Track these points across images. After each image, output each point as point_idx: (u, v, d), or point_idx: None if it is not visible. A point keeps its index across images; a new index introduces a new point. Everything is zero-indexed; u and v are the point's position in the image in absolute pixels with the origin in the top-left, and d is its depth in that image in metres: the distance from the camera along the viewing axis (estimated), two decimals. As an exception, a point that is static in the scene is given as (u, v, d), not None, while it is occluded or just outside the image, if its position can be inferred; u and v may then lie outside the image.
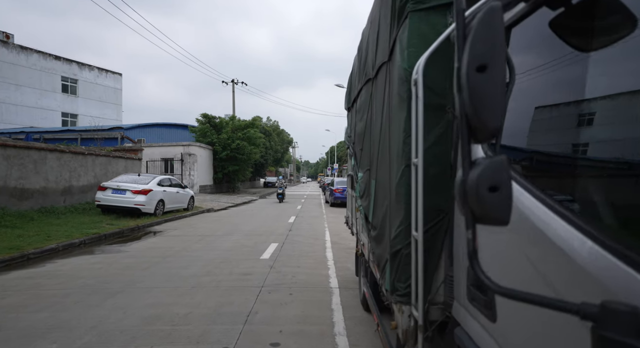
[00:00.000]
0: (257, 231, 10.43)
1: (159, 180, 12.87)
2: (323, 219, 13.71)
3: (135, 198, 11.58)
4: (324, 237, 9.60)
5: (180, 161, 26.05)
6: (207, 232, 10.10)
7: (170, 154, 26.43)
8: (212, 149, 29.25)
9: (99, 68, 39.99)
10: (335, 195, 19.12)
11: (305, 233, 10.26)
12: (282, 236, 9.61)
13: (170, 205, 13.33)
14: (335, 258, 7.29)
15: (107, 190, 11.57)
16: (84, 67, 38.40)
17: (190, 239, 9.00)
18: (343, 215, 16.05)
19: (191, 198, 15.26)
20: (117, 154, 14.89)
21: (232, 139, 29.15)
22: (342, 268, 6.55)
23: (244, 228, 11.01)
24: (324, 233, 10.23)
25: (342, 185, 19.59)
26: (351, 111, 5.03)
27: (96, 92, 39.54)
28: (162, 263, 6.59)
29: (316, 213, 15.87)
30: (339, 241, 9.02)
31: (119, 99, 42.41)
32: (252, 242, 8.73)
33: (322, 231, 10.69)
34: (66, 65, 36.82)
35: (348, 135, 4.97)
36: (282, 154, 63.98)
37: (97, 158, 13.59)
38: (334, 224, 12.16)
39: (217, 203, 19.76)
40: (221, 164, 29.51)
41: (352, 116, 4.74)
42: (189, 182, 25.85)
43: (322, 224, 12.27)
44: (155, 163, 26.58)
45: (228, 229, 10.72)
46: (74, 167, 12.38)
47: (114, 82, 41.65)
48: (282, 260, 6.98)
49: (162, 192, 12.70)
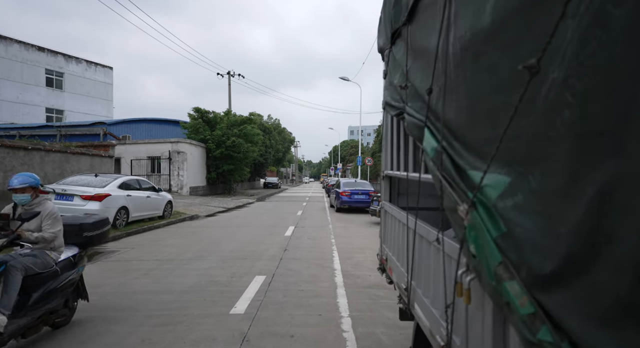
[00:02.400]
0: (240, 252, 7.73)
1: (122, 182, 10.19)
2: (328, 231, 10.99)
3: (85, 206, 8.90)
4: (331, 263, 6.87)
5: (168, 159, 23.43)
6: (171, 255, 7.40)
7: (157, 151, 23.82)
8: (205, 147, 26.62)
9: (88, 61, 37.47)
10: (342, 198, 16.41)
11: (306, 255, 7.55)
12: (273, 261, 6.90)
13: (137, 214, 10.66)
14: (352, 306, 4.58)
15: (49, 195, 8.89)
16: (70, 60, 35.88)
17: (140, 268, 6.31)
18: (352, 223, 12.85)
19: (168, 204, 12.59)
20: (78, 149, 12.23)
21: (227, 135, 26.50)
22: (366, 333, 3.84)
23: (224, 246, 8.32)
24: (332, 256, 7.51)
25: (350, 187, 16.87)
26: (397, 44, 2.39)
27: (84, 87, 37.02)
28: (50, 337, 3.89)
29: (320, 222, 13.16)
30: (354, 271, 6.30)
31: (109, 94, 39.88)
32: (229, 273, 6.02)
33: (328, 251, 7.97)
34: (51, 57, 34.31)
35: (399, 85, 2.26)
36: (283, 154, 61.47)
37: (47, 154, 10.92)
38: (343, 239, 9.44)
39: (205, 208, 17.09)
40: (215, 163, 26.87)
41: (407, 47, 2.11)
42: (178, 183, 23.21)
43: (328, 239, 9.55)
44: (140, 162, 23.99)
45: (203, 248, 8.03)
46: (11, 165, 9.72)
47: (104, 76, 39.12)
48: (267, 317, 4.25)
49: (125, 198, 10.02)
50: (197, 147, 25.58)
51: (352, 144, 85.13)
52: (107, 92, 39.62)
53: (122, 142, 24.78)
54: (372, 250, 8.01)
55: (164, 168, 23.63)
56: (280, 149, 56.49)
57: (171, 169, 23.31)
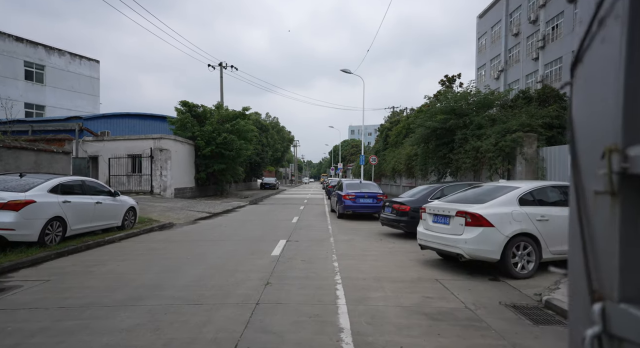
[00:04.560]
0: (199, 289, 5.25)
1: (57, 184, 7.72)
2: (329, 247, 8.52)
3: (-5, 216, 6.46)
4: (334, 315, 4.35)
5: (149, 158, 20.96)
6: (92, 295, 4.92)
7: (138, 149, 21.34)
8: (194, 144, 24.14)
9: (72, 53, 35.01)
10: (346, 203, 13.94)
11: (297, 294, 5.07)
12: (242, 310, 4.42)
13: (81, 226, 8.21)
14: None
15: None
16: (52, 52, 33.43)
17: (20, 330, 3.84)
18: (359, 234, 10.15)
19: (130, 211, 10.12)
20: (16, 143, 9.76)
21: (219, 131, 24.01)
22: None
23: (180, 277, 5.84)
24: (335, 295, 5.02)
25: (355, 189, 14.40)
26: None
27: (68, 81, 34.57)
28: None
29: (318, 233, 10.68)
30: (374, 333, 3.81)
31: (95, 89, 37.43)
32: (160, 344, 3.56)
33: (329, 286, 5.49)
34: (30, 49, 31.87)
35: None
36: (282, 153, 58.99)
37: (-34, 148, 8.48)
38: (349, 262, 6.97)
39: (186, 213, 14.62)
40: (205, 162, 24.39)
41: None
42: (160, 185, 20.74)
43: (329, 261, 7.08)
44: (120, 160, 21.54)
45: (146, 282, 5.55)
46: None
47: (89, 69, 36.67)
48: None
49: (61, 205, 7.56)
50: (183, 144, 23.12)
51: (352, 143, 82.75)
52: (93, 87, 37.19)
53: (99, 138, 22.35)
54: (393, 281, 5.54)
55: (145, 167, 21.16)
56: (279, 148, 54.01)
57: (153, 169, 20.84)
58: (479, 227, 5.72)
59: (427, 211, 6.82)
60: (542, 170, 11.84)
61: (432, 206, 6.75)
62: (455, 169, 15.25)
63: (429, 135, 15.85)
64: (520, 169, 12.26)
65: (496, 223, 5.70)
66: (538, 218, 5.89)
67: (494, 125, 13.47)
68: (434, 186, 10.23)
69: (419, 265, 6.79)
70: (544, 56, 29.30)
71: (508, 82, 33.41)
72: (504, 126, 12.77)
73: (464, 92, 15.86)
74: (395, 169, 26.51)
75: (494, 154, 12.36)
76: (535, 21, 30.42)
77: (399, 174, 27.74)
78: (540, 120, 12.66)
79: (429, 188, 10.21)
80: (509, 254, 5.72)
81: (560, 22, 27.90)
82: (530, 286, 5.40)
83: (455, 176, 16.17)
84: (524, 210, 5.91)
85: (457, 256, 6.01)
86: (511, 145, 12.11)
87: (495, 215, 5.75)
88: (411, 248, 8.30)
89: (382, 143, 35.68)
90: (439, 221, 6.47)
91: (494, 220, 5.71)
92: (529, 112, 13.38)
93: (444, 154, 15.33)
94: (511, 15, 34.58)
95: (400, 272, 6.23)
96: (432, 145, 16.05)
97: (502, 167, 12.67)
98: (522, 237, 5.80)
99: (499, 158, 12.34)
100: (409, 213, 9.54)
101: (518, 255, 5.79)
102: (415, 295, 4.96)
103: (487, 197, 6.28)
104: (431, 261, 7.09)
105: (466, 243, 5.78)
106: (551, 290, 4.92)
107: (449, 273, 6.14)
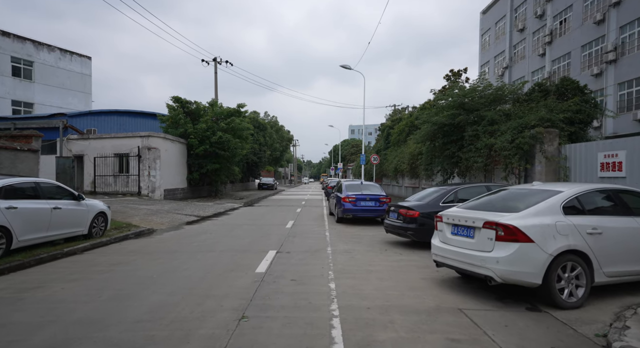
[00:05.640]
0: (155, 326, 4.02)
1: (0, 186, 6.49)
2: (325, 261, 7.28)
3: None
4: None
5: (137, 157, 19.73)
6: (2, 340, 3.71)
7: (125, 147, 20.13)
8: (186, 143, 22.93)
9: (62, 49, 33.80)
10: (345, 206, 12.70)
11: (279, 335, 3.84)
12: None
13: (32, 236, 6.96)
14: None
15: None
16: (41, 47, 32.22)
17: None
18: (360, 243, 8.98)
19: (100, 217, 8.88)
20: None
21: (213, 130, 22.81)
22: None
23: (136, 307, 4.60)
24: (330, 338, 3.79)
25: (355, 191, 13.17)
26: None
27: (58, 78, 33.35)
28: None
29: (314, 242, 9.44)
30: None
31: (87, 86, 36.22)
32: None
33: (323, 320, 4.24)
34: (18, 44, 30.64)
35: None
36: (281, 152, 57.80)
37: None
38: (349, 282, 5.73)
39: (172, 217, 13.39)
40: (198, 162, 23.18)
41: None
42: (149, 185, 19.52)
43: (324, 281, 5.84)
44: (106, 160, 20.33)
45: (88, 315, 4.30)
46: None
47: (81, 66, 35.45)
48: None
49: (3, 211, 6.33)
50: (174, 142, 21.89)
51: (353, 143, 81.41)
52: (85, 84, 35.96)
53: (84, 136, 21.13)
54: (405, 312, 4.29)
55: (132, 167, 19.94)
56: (278, 147, 52.85)
57: (141, 169, 19.62)
58: (515, 242, 4.48)
59: (445, 220, 5.57)
60: (564, 170, 10.59)
61: (450, 214, 5.50)
62: (464, 168, 14.01)
63: (435, 131, 14.60)
64: (539, 168, 11.02)
65: (537, 238, 4.46)
66: (589, 231, 4.65)
67: (508, 121, 12.22)
68: (446, 188, 8.98)
69: (435, 286, 5.55)
70: (551, 52, 28.06)
71: (512, 79, 32.15)
72: (521, 121, 11.52)
73: (474, 85, 14.60)
74: (398, 168, 25.27)
75: (510, 151, 11.11)
76: (541, 16, 29.18)
77: (402, 174, 26.50)
78: (561, 114, 11.41)
79: (440, 190, 8.96)
80: (554, 277, 4.47)
81: (569, 16, 26.65)
82: (584, 321, 4.16)
83: (464, 176, 14.92)
84: (570, 220, 4.67)
85: (485, 278, 4.76)
86: (530, 142, 10.87)
87: (535, 228, 4.51)
88: (422, 262, 7.06)
89: (384, 142, 34.46)
90: (460, 233, 5.22)
91: (533, 234, 4.47)
92: (548, 105, 12.13)
93: (452, 153, 14.08)
94: (516, 10, 33.34)
95: (413, 297, 4.98)
96: (438, 142, 14.80)
97: (519, 166, 11.43)
98: (570, 256, 4.56)
99: (515, 156, 11.08)
100: (418, 220, 8.30)
101: (565, 278, 4.55)
102: (436, 337, 3.72)
103: (520, 204, 5.04)
104: (449, 281, 5.85)
105: (498, 263, 4.53)
106: (619, 331, 3.68)
107: (474, 299, 4.90)
